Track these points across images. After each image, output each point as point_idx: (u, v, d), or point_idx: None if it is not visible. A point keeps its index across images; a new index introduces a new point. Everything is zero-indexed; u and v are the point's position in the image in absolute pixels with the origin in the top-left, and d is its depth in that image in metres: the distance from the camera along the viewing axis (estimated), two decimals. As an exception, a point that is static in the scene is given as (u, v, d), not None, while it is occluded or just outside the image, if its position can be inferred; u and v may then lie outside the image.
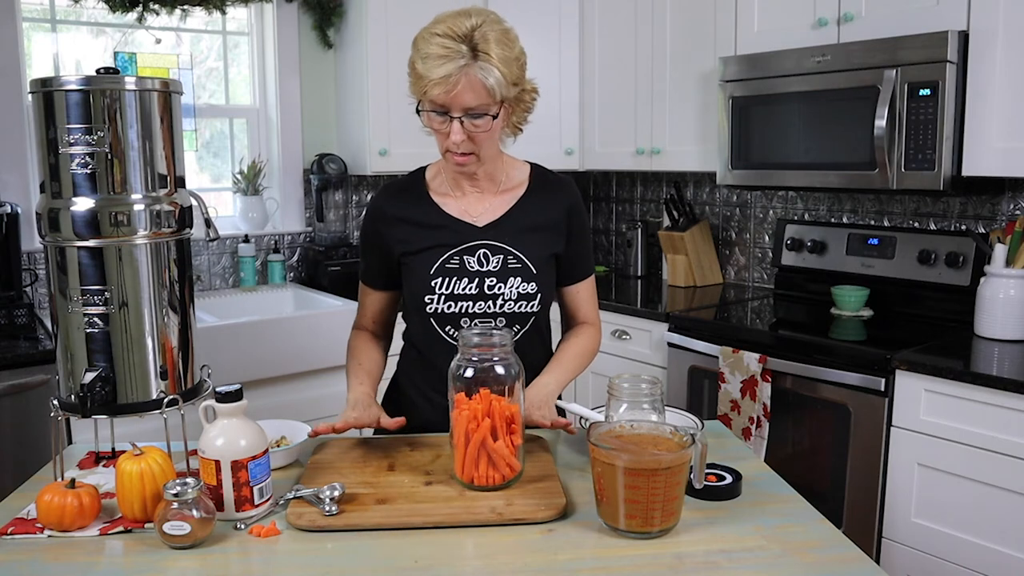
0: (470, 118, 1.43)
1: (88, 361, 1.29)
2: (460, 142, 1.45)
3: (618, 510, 1.14)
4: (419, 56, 1.41)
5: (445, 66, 1.37)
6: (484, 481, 1.28)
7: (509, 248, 1.56)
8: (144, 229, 1.29)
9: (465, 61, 1.38)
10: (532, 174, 1.64)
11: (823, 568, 1.09)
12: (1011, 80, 2.20)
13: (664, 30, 3.08)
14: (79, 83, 1.24)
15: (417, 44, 1.43)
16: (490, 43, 1.40)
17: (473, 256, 1.56)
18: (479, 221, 1.58)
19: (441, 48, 1.38)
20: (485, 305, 1.55)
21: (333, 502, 1.21)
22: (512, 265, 1.55)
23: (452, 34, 1.39)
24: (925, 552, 2.18)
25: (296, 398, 2.78)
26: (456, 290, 1.54)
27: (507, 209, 1.59)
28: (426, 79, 1.39)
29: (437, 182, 1.62)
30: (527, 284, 1.55)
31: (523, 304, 1.56)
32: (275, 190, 3.41)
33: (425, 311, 1.55)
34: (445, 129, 1.45)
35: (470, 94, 1.40)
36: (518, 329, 1.57)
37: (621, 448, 1.16)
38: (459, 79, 1.38)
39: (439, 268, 1.55)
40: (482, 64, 1.39)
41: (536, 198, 1.61)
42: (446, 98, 1.40)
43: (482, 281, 1.54)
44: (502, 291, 1.55)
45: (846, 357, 2.30)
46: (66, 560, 1.13)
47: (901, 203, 2.83)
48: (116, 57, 3.06)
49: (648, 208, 3.75)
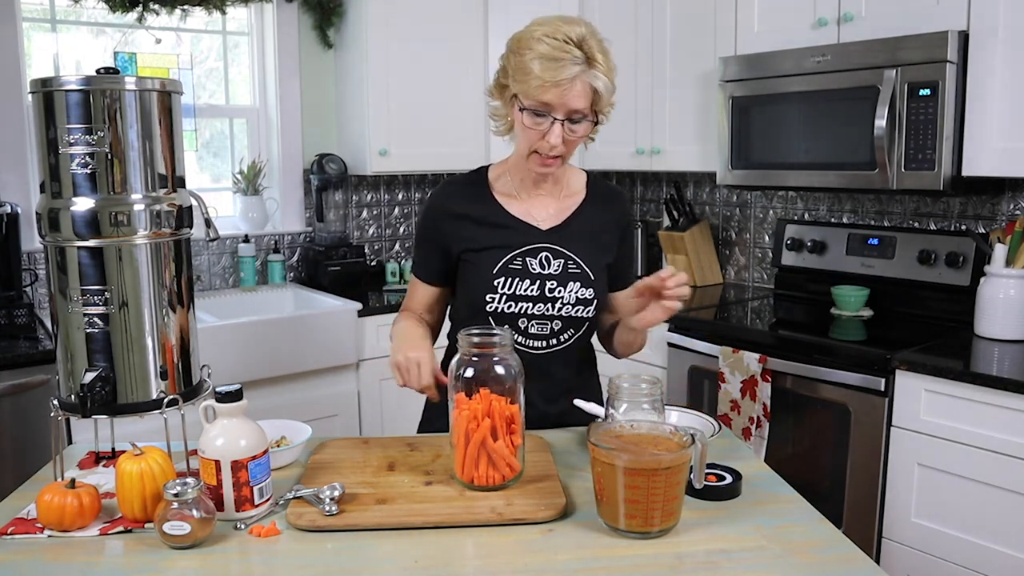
0: (570, 122, 1.46)
1: (88, 361, 1.29)
2: (557, 144, 1.47)
3: (618, 510, 1.14)
4: (533, 56, 1.42)
5: (566, 69, 1.41)
6: (484, 481, 1.28)
7: (570, 253, 1.59)
8: (144, 229, 1.29)
9: (581, 67, 1.42)
10: (588, 183, 1.68)
11: (823, 568, 1.09)
12: (1011, 80, 2.20)
13: (664, 30, 3.08)
14: (79, 83, 1.24)
15: (529, 45, 1.44)
16: (598, 52, 1.44)
17: (535, 258, 1.57)
18: (542, 224, 1.60)
19: (560, 52, 1.41)
20: (544, 307, 1.56)
21: (333, 502, 1.21)
22: (572, 270, 1.58)
23: (568, 39, 1.42)
24: (925, 552, 2.18)
25: (296, 398, 2.78)
26: (518, 291, 1.55)
27: (568, 215, 1.62)
28: (541, 79, 1.41)
29: (501, 183, 1.63)
30: (586, 289, 1.58)
31: (580, 309, 1.58)
32: (275, 190, 3.41)
33: (485, 310, 1.56)
34: (542, 129, 1.46)
35: (581, 98, 1.44)
36: (572, 333, 1.60)
37: (621, 448, 1.16)
38: (575, 83, 1.42)
39: (502, 268, 1.56)
40: (595, 71, 1.44)
41: (594, 208, 1.65)
42: (558, 100, 1.43)
43: (543, 284, 1.56)
44: (562, 295, 1.57)
45: (846, 357, 2.30)
46: (66, 560, 1.12)
47: (901, 203, 2.83)
48: (116, 57, 3.06)
49: (648, 208, 3.75)
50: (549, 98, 1.43)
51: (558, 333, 1.59)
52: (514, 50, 1.47)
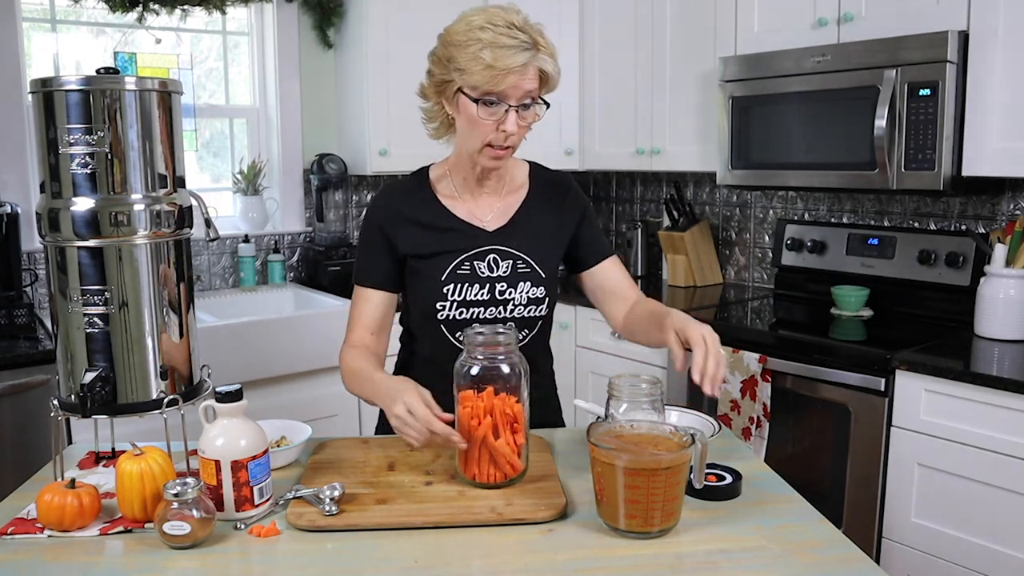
0: (522, 108, 1.44)
1: (88, 361, 1.29)
2: (514, 132, 1.45)
3: (618, 510, 1.14)
4: (482, 47, 1.39)
5: (519, 55, 1.39)
6: (486, 479, 1.28)
7: (519, 253, 1.56)
8: (144, 229, 1.29)
9: (531, 51, 1.40)
10: (531, 174, 1.65)
11: (823, 568, 1.09)
12: (1011, 80, 2.20)
13: (664, 30, 3.08)
14: (79, 83, 1.24)
15: (472, 35, 1.40)
16: (538, 35, 1.43)
17: (483, 261, 1.55)
18: (488, 225, 1.57)
19: (508, 38, 1.39)
20: (496, 311, 1.54)
21: (333, 502, 1.21)
22: (522, 270, 1.56)
23: (512, 25, 1.40)
24: (925, 552, 2.18)
25: (296, 398, 2.78)
26: (468, 296, 1.53)
27: (513, 213, 1.59)
28: (495, 68, 1.38)
29: (443, 184, 1.60)
30: (536, 288, 1.56)
31: (532, 308, 1.56)
32: (275, 190, 3.41)
33: (436, 318, 1.54)
34: (496, 119, 1.43)
35: (534, 83, 1.43)
36: (527, 333, 1.57)
37: (621, 448, 1.16)
38: (527, 68, 1.41)
39: (451, 274, 1.53)
40: (542, 55, 1.42)
41: (539, 200, 1.62)
42: (514, 87, 1.40)
43: (493, 287, 1.54)
44: (512, 296, 1.55)
45: (846, 357, 2.30)
46: (66, 560, 1.13)
47: (901, 203, 2.83)
48: (116, 57, 3.06)
49: (648, 208, 3.75)
50: (504, 87, 1.39)
51: None
52: (454, 43, 1.42)
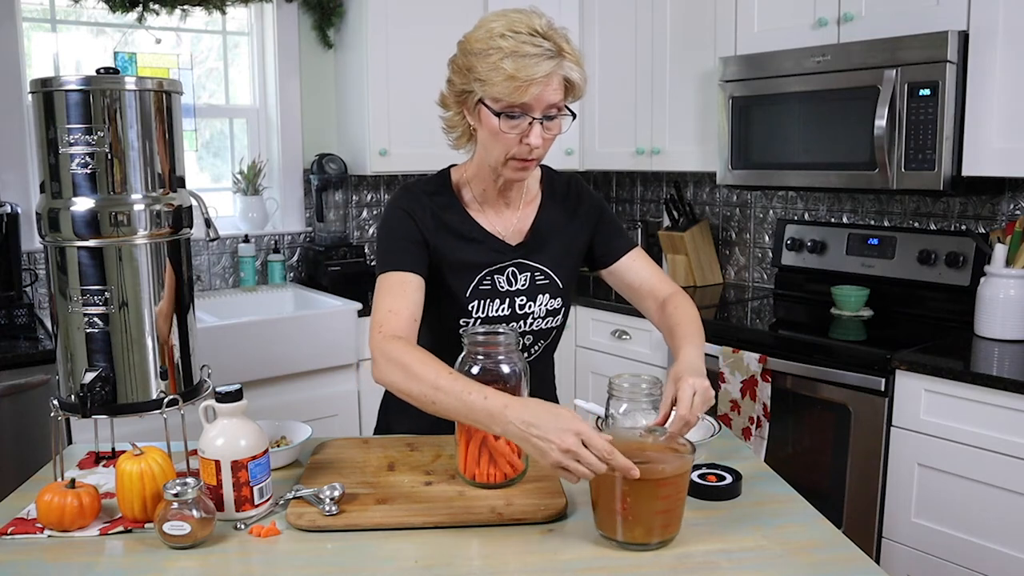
0: (547, 119, 1.35)
1: (88, 361, 1.29)
2: (538, 145, 1.36)
3: (616, 522, 1.12)
4: (502, 55, 1.29)
5: (542, 64, 1.29)
6: (485, 478, 1.28)
7: (537, 265, 1.53)
8: (144, 229, 1.29)
9: (555, 60, 1.31)
10: (543, 180, 1.60)
11: (823, 568, 1.09)
12: (1011, 80, 2.20)
13: (664, 30, 3.08)
14: (79, 83, 1.24)
15: (492, 43, 1.31)
16: (564, 41, 1.34)
17: (503, 275, 1.51)
18: (511, 239, 1.52)
19: (533, 47, 1.29)
20: (516, 325, 1.51)
21: (333, 502, 1.21)
22: (540, 282, 1.53)
23: (535, 31, 1.31)
24: (925, 552, 2.17)
25: (296, 398, 2.78)
26: (490, 312, 1.50)
27: (530, 224, 1.54)
28: (517, 79, 1.29)
29: (464, 191, 1.53)
30: (554, 300, 1.54)
31: (550, 320, 1.55)
32: (275, 190, 3.41)
33: (458, 332, 1.41)
34: (520, 132, 1.35)
35: (558, 93, 1.34)
36: (541, 344, 1.56)
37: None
38: (551, 78, 1.31)
39: (474, 290, 1.49)
40: (568, 62, 1.33)
41: (552, 209, 1.57)
42: (537, 98, 1.32)
43: (512, 301, 1.51)
44: (532, 310, 1.52)
45: (846, 357, 2.30)
46: (66, 560, 1.13)
47: (901, 203, 2.83)
48: (116, 57, 3.06)
49: (648, 208, 3.75)
50: (527, 98, 1.30)
51: (528, 347, 1.55)
52: (474, 52, 1.33)
